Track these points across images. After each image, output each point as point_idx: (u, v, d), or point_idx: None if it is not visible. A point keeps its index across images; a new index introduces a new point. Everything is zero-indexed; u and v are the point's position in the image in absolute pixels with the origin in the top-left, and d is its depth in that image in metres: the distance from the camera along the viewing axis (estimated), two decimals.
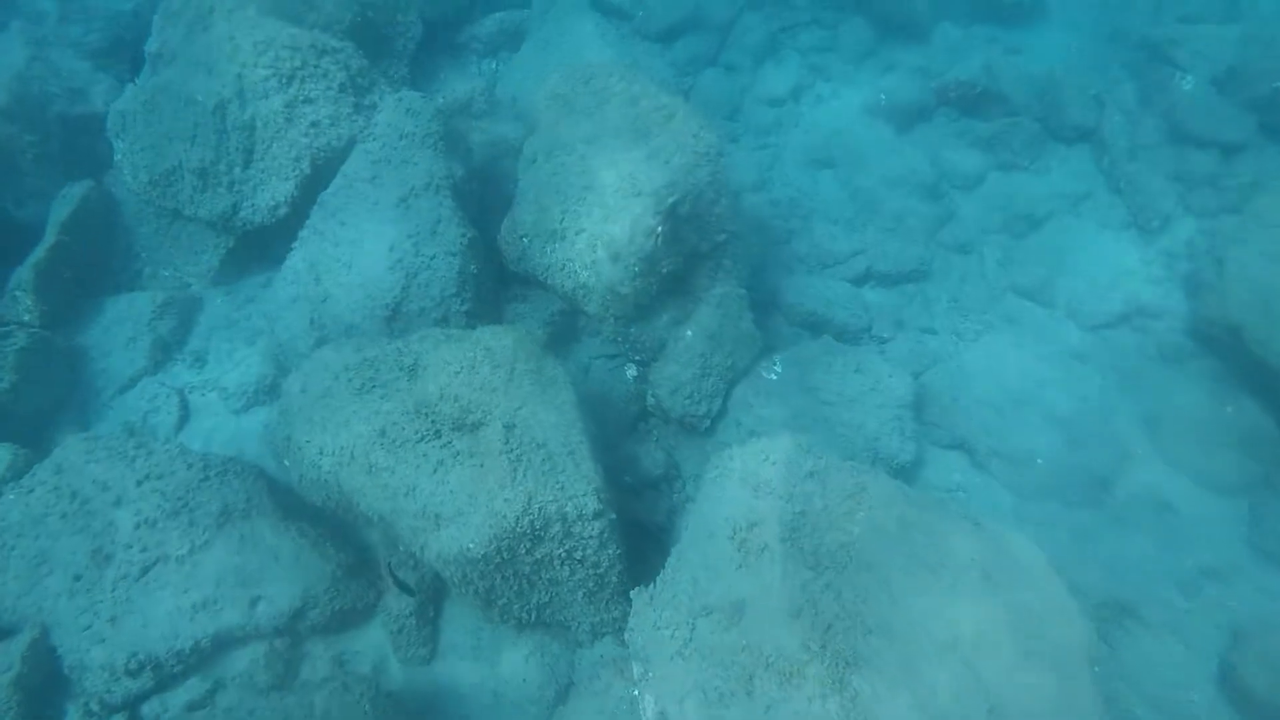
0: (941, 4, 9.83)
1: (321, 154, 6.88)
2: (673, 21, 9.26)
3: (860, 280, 7.48)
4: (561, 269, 6.47)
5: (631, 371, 6.54)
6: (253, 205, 7.12)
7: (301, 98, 6.89)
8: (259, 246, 7.59)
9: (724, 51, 9.34)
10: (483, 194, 7.55)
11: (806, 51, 9.48)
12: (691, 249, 6.11)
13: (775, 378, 6.11)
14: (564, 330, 7.00)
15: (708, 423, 6.10)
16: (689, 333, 6.05)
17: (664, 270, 6.01)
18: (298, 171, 6.88)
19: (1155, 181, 8.17)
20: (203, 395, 7.33)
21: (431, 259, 6.45)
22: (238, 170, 7.06)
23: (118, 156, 7.38)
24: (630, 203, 6.02)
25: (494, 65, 8.96)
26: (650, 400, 6.45)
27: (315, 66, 6.99)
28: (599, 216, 6.15)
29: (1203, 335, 7.38)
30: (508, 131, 7.70)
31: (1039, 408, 6.83)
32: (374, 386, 5.46)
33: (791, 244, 7.66)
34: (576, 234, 6.30)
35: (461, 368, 5.16)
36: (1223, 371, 7.11)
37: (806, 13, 9.73)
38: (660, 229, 5.85)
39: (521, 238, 6.70)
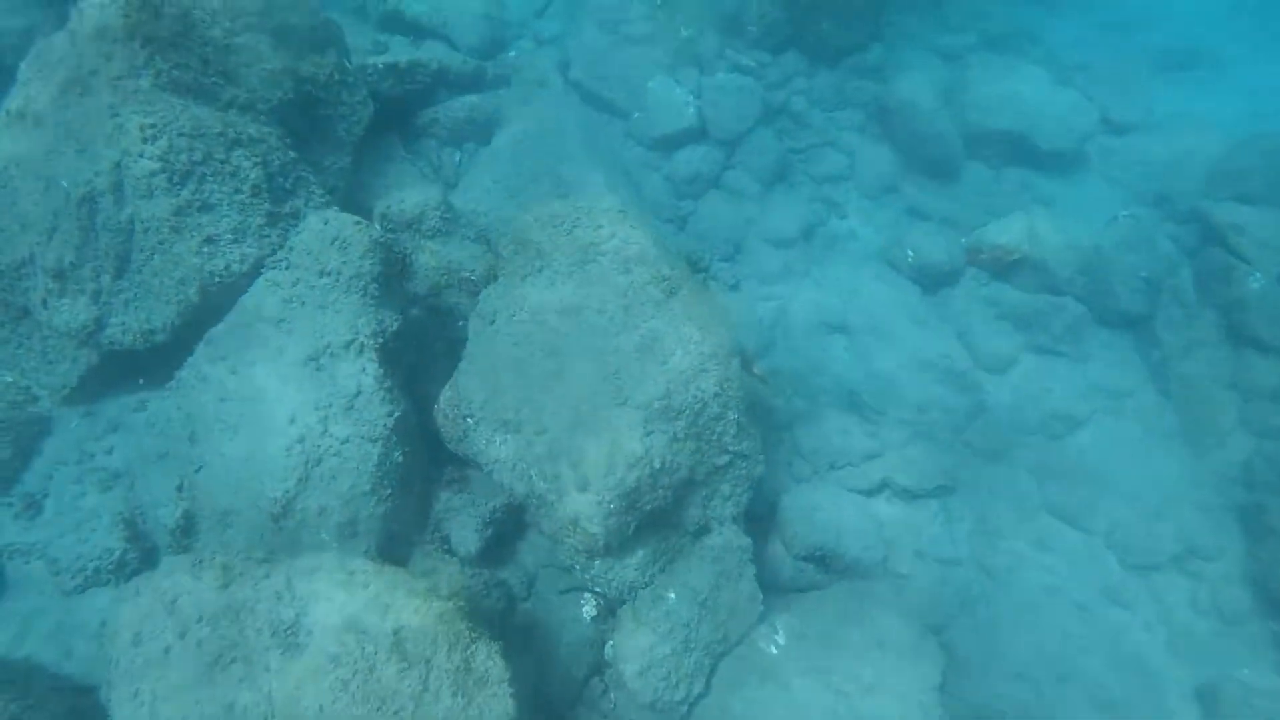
0: (973, 143, 8.74)
1: (215, 279, 5.34)
2: (674, 130, 7.94)
3: (875, 490, 6.18)
4: (513, 468, 5.02)
5: (590, 609, 5.09)
6: (123, 325, 5.51)
7: (198, 203, 5.33)
8: (134, 361, 5.94)
9: (729, 170, 8.03)
10: (424, 332, 6.07)
11: (821, 181, 8.27)
12: (685, 477, 4.71)
13: (776, 651, 4.73)
14: (509, 528, 5.52)
15: (685, 709, 4.66)
16: (671, 595, 4.65)
17: (647, 508, 4.59)
18: (181, 298, 5.32)
19: (1213, 389, 7.11)
20: (26, 563, 5.62)
21: (343, 443, 4.95)
22: (106, 279, 5.46)
23: None
24: (612, 414, 4.61)
25: (457, 158, 7.50)
26: (608, 654, 4.99)
27: (222, 162, 5.45)
28: (568, 422, 4.73)
29: (1265, 591, 6.27)
30: (465, 259, 6.26)
31: (1082, 684, 5.58)
32: (232, 662, 3.91)
33: (795, 433, 6.35)
34: (537, 434, 4.88)
35: (354, 671, 3.63)
36: None
37: (823, 134, 8.53)
38: (649, 458, 4.44)
39: (465, 417, 5.24)
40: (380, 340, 5.14)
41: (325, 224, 5.30)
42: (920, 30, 10.15)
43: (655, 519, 4.79)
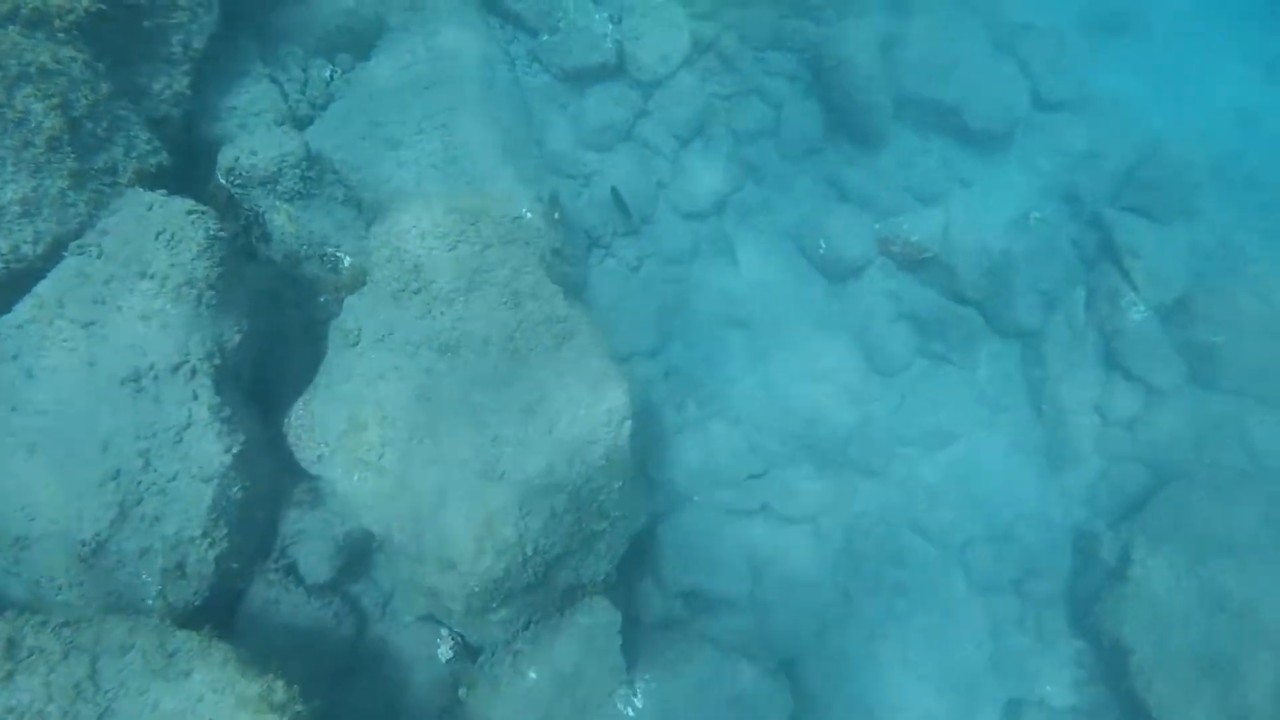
0: (905, 106, 8.19)
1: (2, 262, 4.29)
2: (589, 64, 6.95)
3: (753, 513, 6.09)
4: (371, 511, 4.56)
5: (446, 650, 4.86)
6: None
7: None
8: None
9: (644, 119, 7.18)
10: (277, 312, 5.27)
11: (742, 138, 7.56)
12: (559, 553, 4.40)
13: (633, 714, 4.68)
14: (360, 552, 5.10)
15: None
16: (532, 674, 4.43)
17: (516, 588, 4.28)
18: None
19: (1079, 412, 7.34)
20: None
21: (170, 481, 4.29)
22: None
23: None
24: (486, 490, 4.16)
25: (328, 73, 6.30)
26: (462, 695, 4.83)
27: (3, 105, 4.25)
28: (436, 486, 4.27)
29: (1078, 614, 6.81)
30: (330, 231, 5.39)
31: (913, 712, 5.97)
32: None
33: (681, 441, 6.10)
34: (400, 488, 4.39)
35: None
36: (1097, 669, 6.58)
37: (751, 80, 7.72)
38: (522, 543, 4.08)
39: (320, 443, 4.64)
40: (216, 361, 4.36)
41: (149, 210, 4.31)
42: None
43: (524, 586, 4.49)
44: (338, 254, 5.39)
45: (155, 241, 4.28)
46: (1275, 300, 7.61)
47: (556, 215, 5.69)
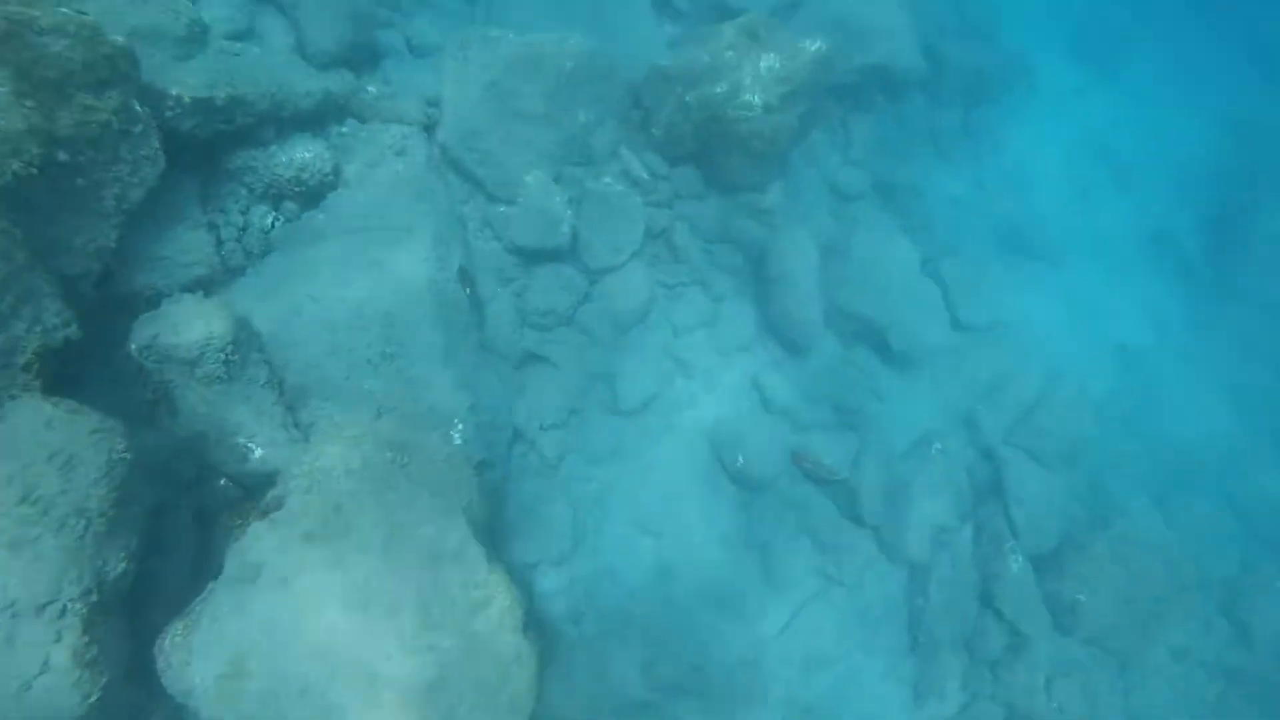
0: (835, 314, 8.60)
1: None
2: (542, 247, 6.96)
3: None
4: None
5: None
6: None
7: None
8: None
9: (586, 304, 7.23)
10: (167, 499, 4.93)
11: (679, 331, 7.73)
12: None
13: None
14: None
15: None
16: None
17: None
18: None
19: (951, 649, 7.75)
20: None
21: None
22: None
23: None
24: None
25: (270, 221, 6.04)
26: None
27: None
28: None
29: None
30: (245, 420, 5.14)
31: None
32: None
33: (574, 662, 6.03)
34: None
35: None
36: None
37: (696, 272, 7.93)
38: None
39: (197, 680, 4.34)
40: (93, 599, 4.02)
41: (47, 427, 3.97)
42: (823, 157, 9.72)
43: None
44: (249, 445, 5.12)
45: (48, 464, 3.95)
46: (1133, 564, 8.34)
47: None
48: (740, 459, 7.38)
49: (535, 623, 5.05)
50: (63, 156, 4.60)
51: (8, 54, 4.31)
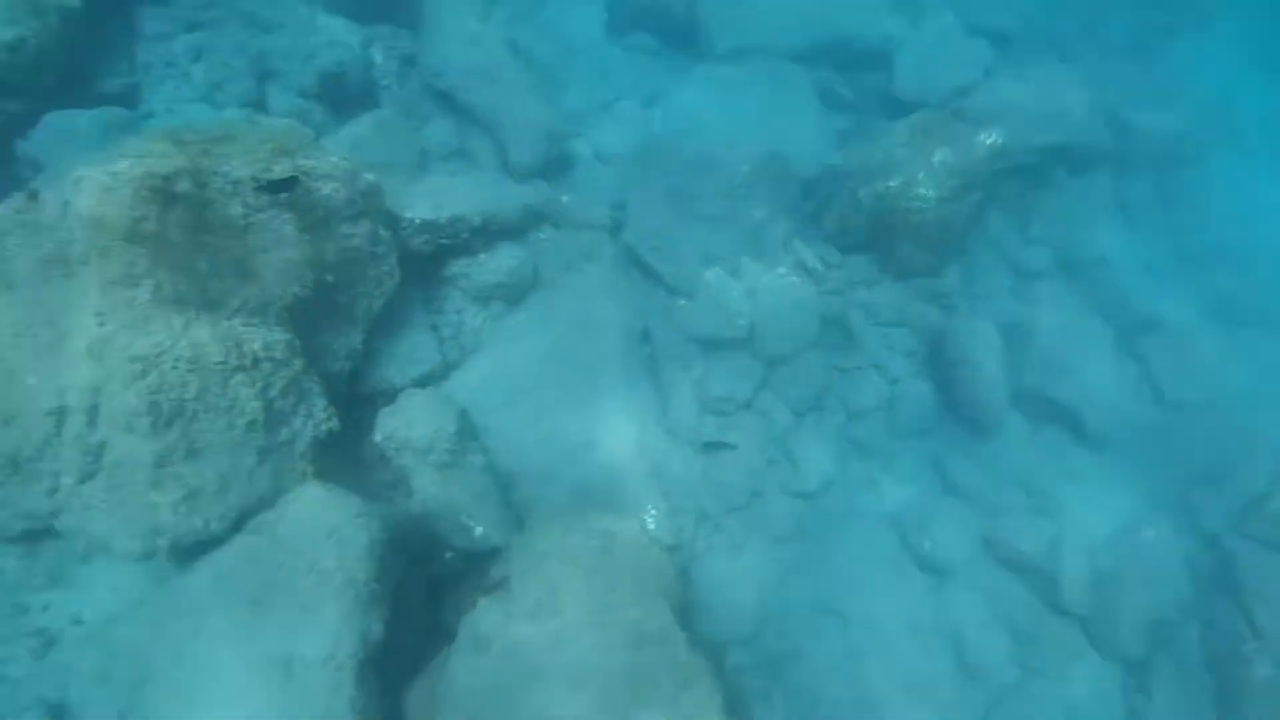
0: (1022, 397, 8.41)
1: (189, 537, 4.76)
2: (721, 337, 7.41)
3: None
4: None
5: None
6: (80, 526, 4.89)
7: (183, 448, 4.75)
8: None
9: (764, 390, 7.56)
10: (402, 572, 5.59)
11: (854, 415, 7.85)
12: None
13: None
14: None
15: None
16: None
17: None
18: (148, 547, 4.75)
19: None
20: None
21: None
22: (67, 480, 4.82)
23: None
24: None
25: (480, 320, 6.82)
26: None
27: (219, 396, 4.79)
28: None
29: None
30: (467, 500, 5.75)
31: None
32: None
33: None
34: None
35: None
36: None
37: (872, 356, 8.07)
38: None
39: None
40: (360, 657, 4.66)
41: (325, 509, 4.74)
42: (1002, 237, 9.66)
43: None
44: (471, 523, 5.75)
45: (326, 540, 4.70)
46: None
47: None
48: (927, 544, 7.32)
49: (728, 701, 5.27)
50: (329, 278, 5.55)
51: (297, 201, 5.31)
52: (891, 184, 7.74)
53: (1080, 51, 12.64)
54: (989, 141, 7.64)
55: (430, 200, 6.53)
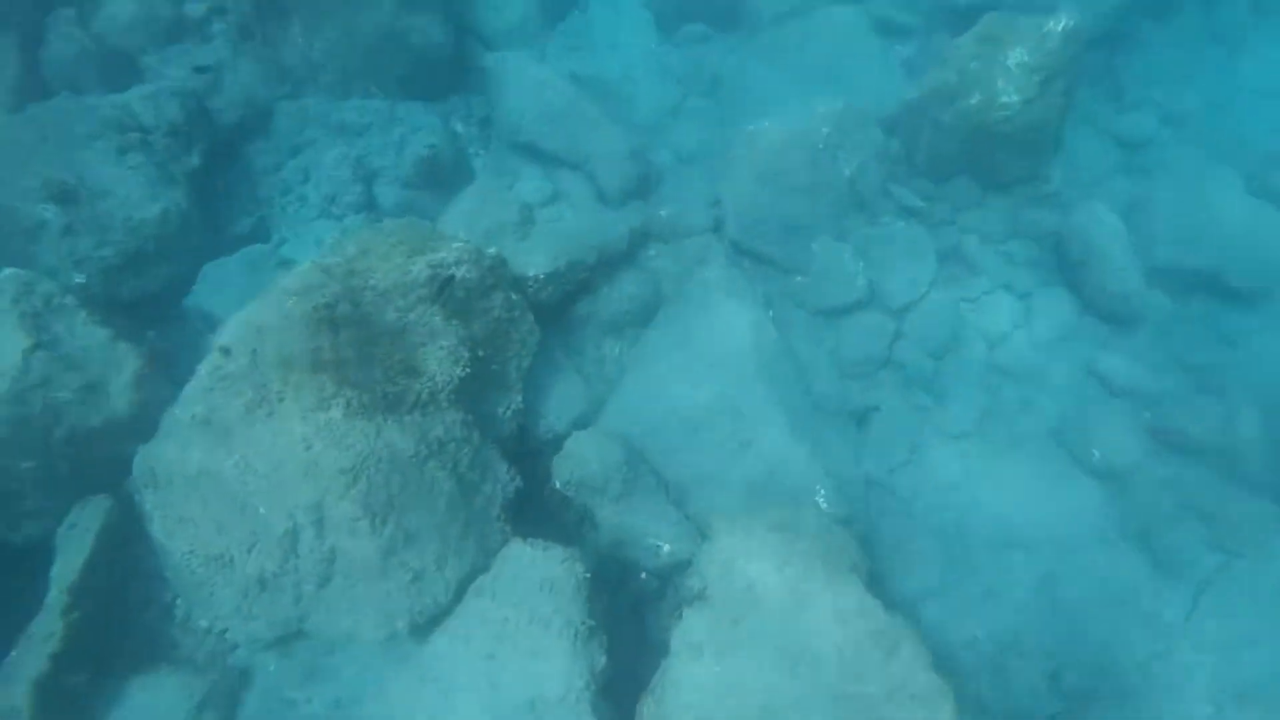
0: (1159, 274, 8.11)
1: (422, 615, 5.35)
2: (844, 303, 7.51)
3: None
4: None
5: None
6: (327, 624, 5.60)
7: (401, 537, 5.30)
8: None
9: (899, 341, 7.61)
10: (605, 600, 6.07)
11: (994, 342, 7.81)
12: None
13: None
14: None
15: None
16: None
17: None
18: (388, 630, 5.37)
19: None
20: None
21: None
22: (308, 588, 5.52)
23: (147, 506, 5.75)
24: None
25: (617, 350, 7.20)
26: None
27: (419, 484, 5.35)
28: None
29: None
30: (648, 522, 6.15)
31: None
32: None
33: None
34: None
35: None
36: None
37: (996, 277, 8.03)
38: None
39: None
40: (592, 688, 5.15)
41: (533, 564, 5.23)
42: (1097, 111, 9.24)
43: None
44: (657, 542, 6.14)
45: (540, 591, 5.18)
46: None
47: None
48: (1096, 453, 7.20)
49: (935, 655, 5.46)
50: (481, 353, 6.02)
51: (433, 290, 5.81)
52: (973, 101, 7.54)
53: None
54: (1060, 28, 7.29)
55: (545, 253, 6.90)
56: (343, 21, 8.12)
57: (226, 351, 5.45)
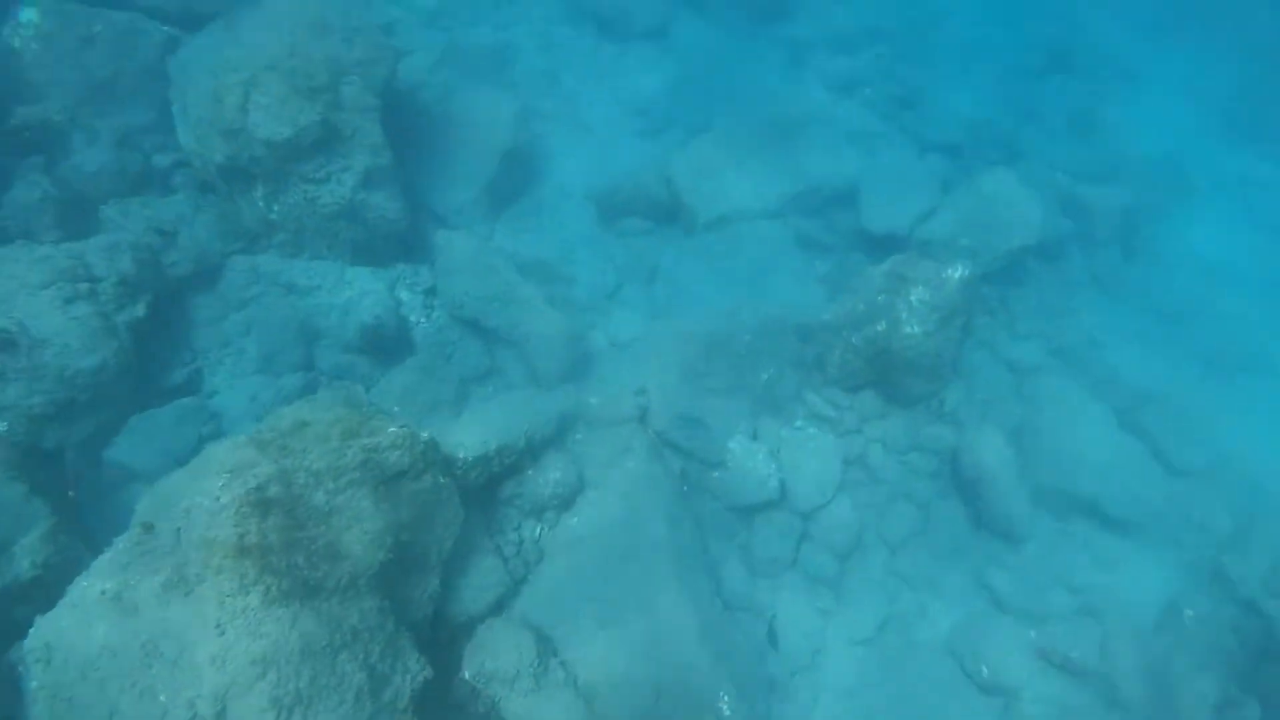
0: (1043, 495, 8.80)
1: None
2: (755, 502, 7.89)
3: None
4: None
5: None
6: None
7: None
8: None
9: (805, 543, 8.01)
10: None
11: (895, 547, 8.26)
12: None
13: None
14: None
15: None
16: None
17: None
18: None
19: None
20: None
21: None
22: None
23: (34, 684, 5.43)
24: None
25: (538, 532, 7.36)
26: None
27: (329, 676, 5.29)
28: None
29: None
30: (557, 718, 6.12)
31: None
32: None
33: None
34: None
35: None
36: None
37: (897, 486, 8.53)
38: None
39: None
40: None
41: None
42: (994, 338, 10.23)
43: None
44: None
45: None
46: None
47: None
48: (985, 670, 7.59)
49: None
50: (405, 537, 6.12)
51: (367, 476, 5.95)
52: (879, 328, 8.36)
53: (1026, 141, 13.53)
54: (957, 275, 8.28)
55: (475, 434, 7.14)
56: (305, 192, 8.52)
57: (149, 528, 5.43)
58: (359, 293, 8.79)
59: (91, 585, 5.37)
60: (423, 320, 8.95)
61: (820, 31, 13.54)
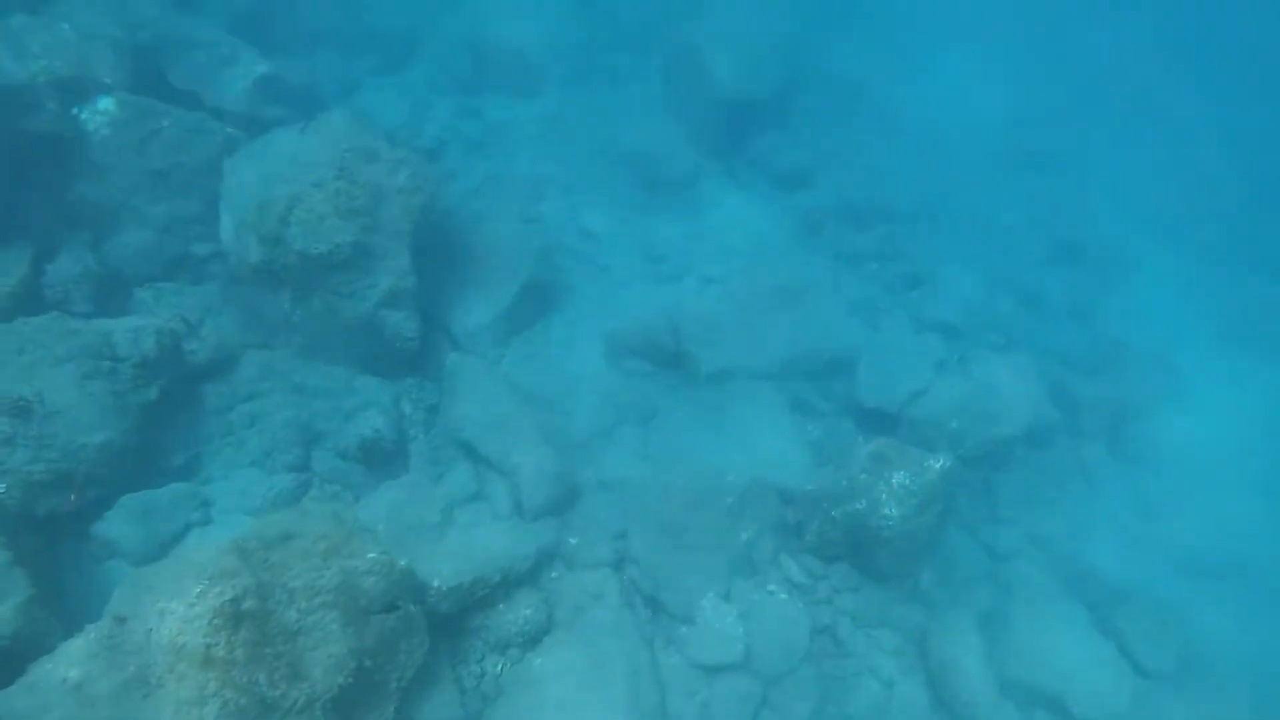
0: (1010, 687, 8.77)
1: None
2: (720, 664, 7.90)
3: None
4: None
5: None
6: None
7: None
8: None
9: (764, 710, 7.95)
10: None
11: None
12: None
13: None
14: None
15: None
16: None
17: None
18: None
19: None
20: None
21: None
22: None
23: None
24: None
25: (499, 668, 7.37)
26: None
27: None
28: None
29: None
30: None
31: None
32: None
33: None
34: None
35: None
36: None
37: (863, 661, 8.57)
38: None
39: None
40: None
41: None
42: (974, 520, 10.41)
43: None
44: None
45: None
46: None
47: None
48: None
49: None
50: (367, 663, 6.19)
51: (342, 599, 6.09)
52: (859, 506, 8.58)
53: (1024, 327, 14.07)
54: (939, 466, 8.57)
55: (453, 563, 7.30)
56: (329, 302, 8.96)
57: (122, 621, 5.55)
58: (364, 402, 9.11)
59: (55, 669, 5.47)
60: (420, 436, 9.22)
61: (837, 202, 14.33)
